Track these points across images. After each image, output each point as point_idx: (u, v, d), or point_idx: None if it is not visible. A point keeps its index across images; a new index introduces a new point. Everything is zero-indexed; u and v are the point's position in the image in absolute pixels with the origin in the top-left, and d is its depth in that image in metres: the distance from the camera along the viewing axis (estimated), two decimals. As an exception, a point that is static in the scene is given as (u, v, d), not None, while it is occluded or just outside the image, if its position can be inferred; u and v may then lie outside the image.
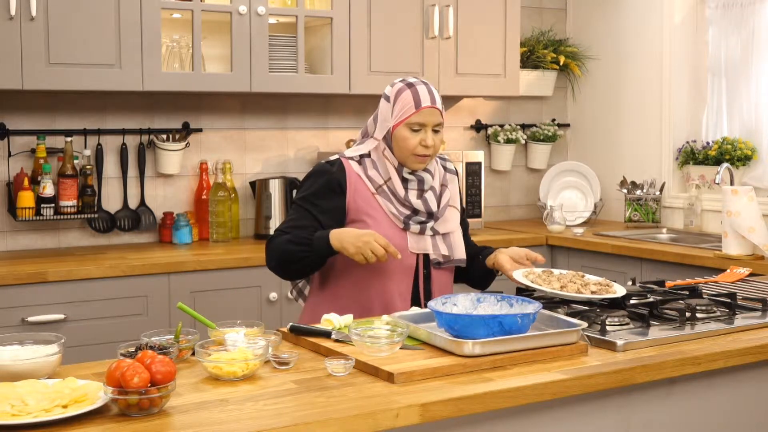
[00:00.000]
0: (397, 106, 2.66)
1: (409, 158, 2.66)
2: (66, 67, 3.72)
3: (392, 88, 2.70)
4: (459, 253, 2.77)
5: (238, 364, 1.98)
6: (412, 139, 2.63)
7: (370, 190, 2.68)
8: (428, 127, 2.64)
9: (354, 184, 2.68)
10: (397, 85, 2.70)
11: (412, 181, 2.70)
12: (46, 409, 1.70)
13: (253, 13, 4.05)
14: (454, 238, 2.76)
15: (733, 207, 3.62)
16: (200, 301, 3.72)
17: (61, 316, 3.52)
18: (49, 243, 4.11)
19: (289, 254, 2.60)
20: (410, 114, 2.63)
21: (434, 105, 2.65)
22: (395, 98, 2.67)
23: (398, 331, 2.17)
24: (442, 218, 2.74)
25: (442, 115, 2.68)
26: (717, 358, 2.22)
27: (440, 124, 2.68)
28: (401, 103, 2.65)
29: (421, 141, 2.63)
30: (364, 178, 2.68)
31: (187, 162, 4.38)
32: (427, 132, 2.64)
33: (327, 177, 2.68)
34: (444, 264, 2.75)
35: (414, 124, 2.63)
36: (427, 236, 2.71)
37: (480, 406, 1.89)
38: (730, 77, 4.72)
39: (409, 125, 2.63)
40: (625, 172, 5.08)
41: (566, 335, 2.19)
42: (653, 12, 4.94)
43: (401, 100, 2.65)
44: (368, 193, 2.68)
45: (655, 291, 2.77)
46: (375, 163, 2.69)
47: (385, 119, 2.69)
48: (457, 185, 2.86)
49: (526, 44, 5.17)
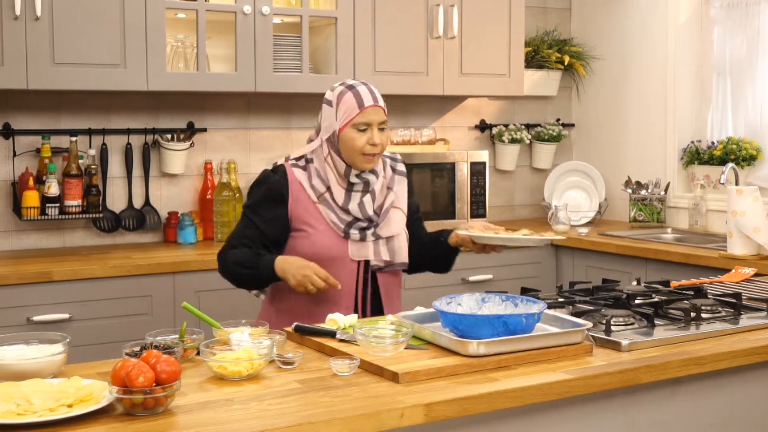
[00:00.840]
0: (341, 109, 2.69)
1: (357, 158, 2.68)
2: (71, 67, 3.72)
3: (333, 92, 2.73)
4: (401, 257, 2.78)
5: (242, 364, 1.98)
6: (359, 139, 2.66)
7: (312, 198, 2.71)
8: (374, 126, 2.68)
9: (295, 192, 2.71)
10: (338, 89, 2.73)
11: (358, 184, 2.72)
12: (51, 408, 1.70)
13: (258, 12, 4.05)
14: (396, 242, 2.77)
15: (738, 207, 3.61)
16: (205, 301, 3.72)
17: (66, 316, 3.53)
18: (54, 243, 4.12)
19: (238, 275, 2.71)
20: (355, 115, 2.66)
21: (377, 104, 2.69)
22: (338, 101, 2.70)
23: (403, 331, 2.17)
24: (384, 222, 2.76)
25: (385, 113, 2.72)
26: (722, 358, 2.22)
27: (385, 122, 2.72)
28: (345, 106, 2.68)
29: (369, 140, 2.67)
30: (306, 187, 2.71)
31: (192, 162, 4.38)
32: (374, 131, 2.68)
33: (268, 186, 2.73)
34: (385, 268, 2.77)
35: (360, 124, 2.66)
36: (369, 242, 2.73)
37: (485, 406, 1.89)
38: (735, 77, 4.71)
39: (355, 126, 2.67)
40: (630, 172, 5.08)
41: (571, 335, 2.18)
42: (658, 12, 4.94)
43: (344, 103, 2.69)
44: (310, 201, 2.71)
45: (659, 291, 2.77)
46: (318, 171, 2.72)
47: (329, 124, 2.71)
48: (405, 186, 2.87)
49: (530, 44, 5.17)
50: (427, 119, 4.98)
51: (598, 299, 2.66)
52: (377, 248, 2.74)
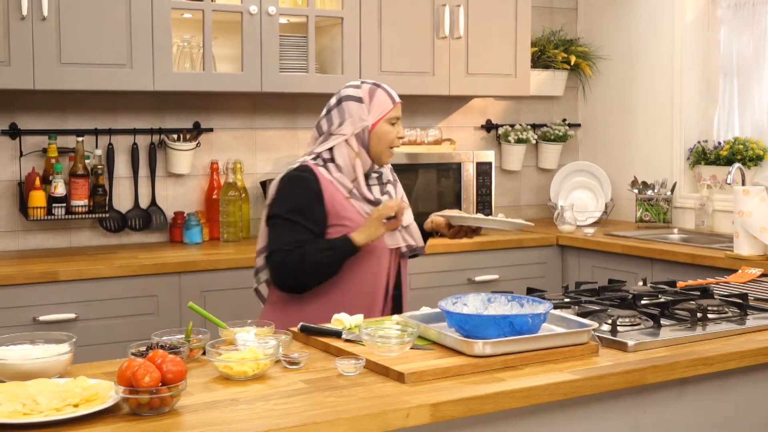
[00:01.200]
0: (375, 105, 2.81)
1: (385, 151, 2.83)
2: (77, 67, 3.73)
3: (360, 90, 2.84)
4: (419, 241, 2.93)
5: (248, 364, 1.98)
6: (392, 133, 2.83)
7: (344, 194, 2.78)
8: (399, 121, 2.87)
9: (328, 190, 2.76)
10: (365, 86, 2.85)
11: (374, 178, 2.87)
12: (57, 408, 1.70)
13: (264, 13, 4.05)
14: (413, 227, 2.92)
15: (744, 207, 3.60)
16: (211, 301, 3.72)
17: (72, 316, 3.53)
18: (61, 242, 4.13)
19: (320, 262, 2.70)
20: (389, 109, 2.82)
21: (401, 101, 2.88)
22: (369, 98, 2.82)
23: (408, 331, 2.17)
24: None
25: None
26: (730, 359, 2.21)
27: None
28: (378, 101, 2.82)
29: (397, 133, 2.85)
30: (336, 183, 2.77)
31: (198, 162, 4.38)
32: (399, 125, 2.86)
33: (306, 185, 2.75)
34: (407, 254, 2.93)
35: (392, 119, 2.83)
36: (397, 232, 2.85)
37: (491, 406, 1.88)
38: (741, 77, 4.70)
39: (389, 120, 2.83)
40: (636, 172, 5.07)
41: (577, 335, 2.18)
42: (664, 11, 4.93)
43: (377, 99, 2.82)
44: (342, 197, 2.78)
45: (666, 291, 2.76)
46: (339, 167, 2.78)
47: (359, 119, 2.80)
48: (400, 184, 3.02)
49: (536, 44, 5.16)
50: (433, 119, 4.98)
51: (604, 299, 2.65)
52: (402, 235, 2.87)
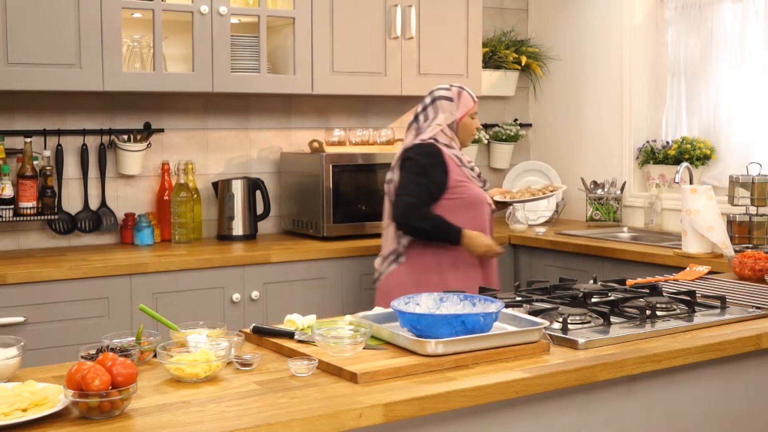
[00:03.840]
0: (462, 103, 3.69)
1: (469, 138, 3.75)
2: (25, 67, 3.68)
3: (450, 92, 3.70)
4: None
5: (200, 366, 1.97)
6: (474, 124, 3.73)
7: (457, 163, 3.63)
8: (477, 115, 3.76)
9: (449, 160, 3.60)
10: (454, 89, 3.72)
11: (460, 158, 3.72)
12: (5, 412, 1.68)
13: (215, 12, 4.03)
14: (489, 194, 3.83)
15: (692, 206, 3.66)
16: (162, 303, 3.70)
17: (21, 319, 3.48)
18: (9, 245, 4.07)
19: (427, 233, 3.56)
20: (472, 106, 3.70)
21: (478, 100, 3.78)
22: (458, 97, 3.69)
23: (361, 331, 2.18)
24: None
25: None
26: (677, 356, 2.24)
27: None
28: (464, 100, 3.69)
29: (476, 124, 3.74)
30: (453, 157, 3.62)
31: (149, 162, 4.35)
32: (477, 118, 3.76)
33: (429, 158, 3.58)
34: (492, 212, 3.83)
35: (473, 114, 3.72)
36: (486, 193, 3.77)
37: (443, 405, 1.89)
38: (689, 77, 4.77)
39: (471, 115, 3.71)
40: (587, 171, 5.13)
41: (528, 334, 2.20)
42: (613, 13, 4.99)
43: (463, 98, 3.70)
44: (457, 166, 3.62)
45: (616, 289, 2.80)
46: (449, 145, 3.65)
47: (451, 113, 3.67)
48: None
49: (488, 44, 5.20)
50: (386, 119, 4.99)
51: (555, 298, 2.68)
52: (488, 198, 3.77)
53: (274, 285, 3.97)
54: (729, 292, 2.90)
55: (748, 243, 3.86)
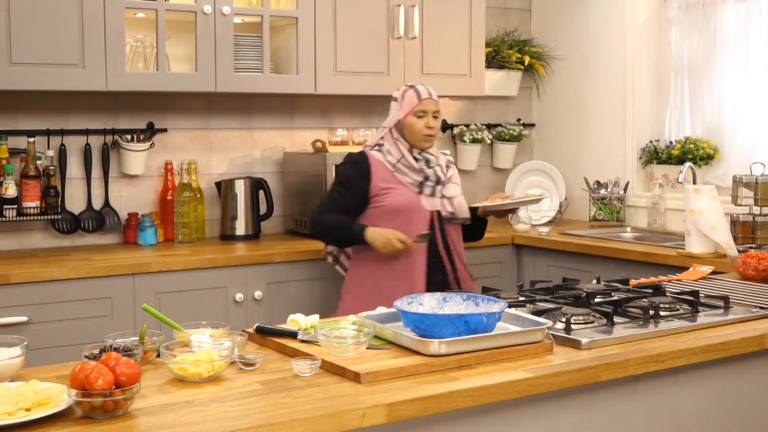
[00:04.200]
0: (405, 102, 3.52)
1: (418, 139, 3.51)
2: (29, 67, 3.68)
3: (398, 92, 3.58)
4: (462, 213, 3.58)
5: (203, 366, 1.97)
6: (419, 123, 3.50)
7: (388, 168, 3.49)
8: (429, 114, 3.51)
9: (375, 166, 3.49)
10: (402, 88, 3.58)
11: (421, 161, 3.53)
12: (8, 412, 1.68)
13: (218, 12, 4.03)
14: (457, 201, 3.57)
15: (695, 206, 3.65)
16: (165, 303, 3.70)
17: (24, 319, 3.49)
18: (12, 244, 4.07)
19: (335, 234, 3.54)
20: (414, 105, 3.50)
21: (431, 97, 3.54)
22: (402, 97, 3.54)
23: (364, 331, 2.18)
24: (447, 186, 3.56)
25: (438, 105, 3.55)
26: (680, 356, 2.24)
27: (438, 111, 3.55)
28: (407, 99, 3.52)
29: (426, 124, 3.50)
30: (383, 161, 3.51)
31: (152, 162, 4.35)
32: (429, 117, 3.51)
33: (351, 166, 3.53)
34: (452, 220, 3.55)
35: (418, 112, 3.50)
36: (437, 198, 3.53)
37: (446, 405, 1.89)
38: (692, 77, 4.77)
39: (416, 113, 3.50)
40: (590, 171, 5.12)
41: (531, 334, 2.20)
42: (617, 12, 4.98)
43: (406, 97, 3.52)
44: (387, 171, 3.49)
45: (619, 289, 2.80)
46: (389, 150, 3.52)
47: (395, 114, 3.54)
48: (455, 171, 3.68)
49: (491, 44, 5.19)
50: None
51: (558, 298, 2.68)
52: (443, 203, 3.54)
53: (277, 285, 3.97)
54: (732, 292, 2.90)
55: (752, 243, 3.85)
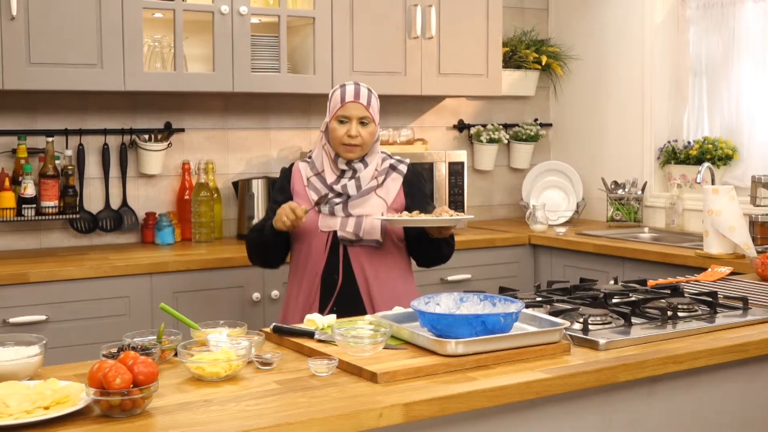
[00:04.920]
0: (330, 103, 3.04)
1: (339, 147, 2.99)
2: (47, 67, 3.70)
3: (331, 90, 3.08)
4: (370, 234, 2.99)
5: (220, 365, 1.97)
6: (340, 130, 2.97)
7: (303, 182, 3.06)
8: (353, 120, 2.97)
9: (295, 178, 3.09)
10: (334, 87, 3.08)
11: (348, 171, 3.01)
12: (27, 410, 1.69)
13: (236, 12, 4.04)
14: (366, 221, 2.99)
15: (714, 206, 3.64)
16: (183, 302, 3.71)
17: (43, 317, 3.50)
18: (31, 244, 4.09)
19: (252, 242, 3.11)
20: (337, 108, 2.99)
21: (357, 100, 2.99)
22: (330, 98, 3.05)
23: (381, 331, 2.17)
24: (358, 202, 3.00)
25: (367, 110, 2.99)
26: (699, 357, 2.23)
27: (366, 117, 2.98)
28: (333, 101, 3.03)
29: (347, 131, 2.96)
30: (303, 175, 3.07)
31: (170, 162, 4.36)
32: (352, 124, 2.97)
33: (281, 177, 3.15)
34: (355, 243, 3.00)
35: (341, 117, 2.98)
36: (338, 217, 2.99)
37: (463, 405, 1.89)
38: (710, 77, 4.74)
39: (338, 118, 2.98)
40: (607, 171, 5.10)
41: (549, 334, 2.19)
42: (634, 12, 4.96)
43: (333, 98, 3.03)
44: (301, 185, 3.07)
45: (637, 290, 2.78)
46: (313, 161, 3.08)
47: (325, 117, 3.06)
48: (398, 183, 3.08)
49: (508, 44, 5.18)
50: (406, 119, 4.98)
51: (575, 298, 2.67)
52: (344, 222, 2.99)
53: (294, 284, 3.98)
54: (751, 293, 2.88)
55: (771, 244, 3.83)
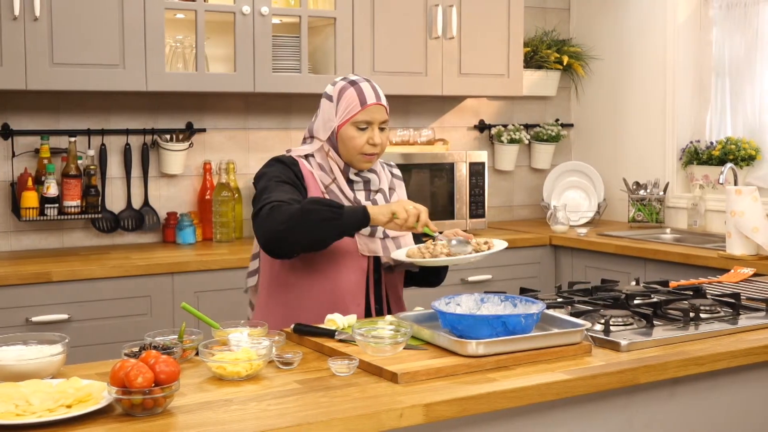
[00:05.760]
0: (342, 105, 2.58)
1: (356, 157, 2.58)
2: (70, 68, 3.72)
3: (334, 87, 2.61)
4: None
5: (241, 364, 1.98)
6: (359, 138, 2.56)
7: (320, 188, 2.59)
8: (375, 125, 2.58)
9: (308, 179, 2.59)
10: (339, 84, 2.61)
11: (358, 183, 2.63)
12: (50, 408, 1.70)
13: (257, 13, 4.05)
14: (404, 241, 2.65)
15: (737, 207, 3.61)
16: (204, 301, 3.72)
17: (65, 316, 3.53)
18: (53, 243, 4.12)
19: (313, 214, 2.38)
20: (356, 112, 2.56)
21: (379, 102, 2.59)
22: (339, 97, 2.59)
23: (402, 331, 2.17)
24: None
25: (387, 112, 2.62)
26: (721, 359, 2.22)
27: (386, 121, 2.61)
28: (346, 102, 2.57)
29: (369, 139, 2.57)
30: (316, 176, 2.60)
31: (191, 162, 4.38)
32: (374, 130, 2.57)
33: (286, 164, 2.60)
34: (395, 268, 2.66)
35: (360, 123, 2.56)
36: (377, 239, 2.61)
37: (484, 406, 1.89)
38: (733, 77, 4.72)
39: (356, 123, 2.56)
40: (629, 172, 5.08)
41: (570, 335, 2.18)
42: (657, 12, 4.94)
43: (345, 99, 2.58)
44: (319, 191, 2.59)
45: (658, 291, 2.77)
46: (321, 165, 2.61)
47: (329, 119, 2.60)
48: (404, 191, 2.78)
49: (529, 44, 5.17)
50: (426, 119, 4.98)
51: (596, 299, 2.66)
52: (386, 245, 2.61)
53: (315, 284, 3.98)
54: (774, 294, 2.86)
55: (794, 245, 3.80)
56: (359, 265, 2.60)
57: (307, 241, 2.43)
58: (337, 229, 2.41)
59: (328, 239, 2.44)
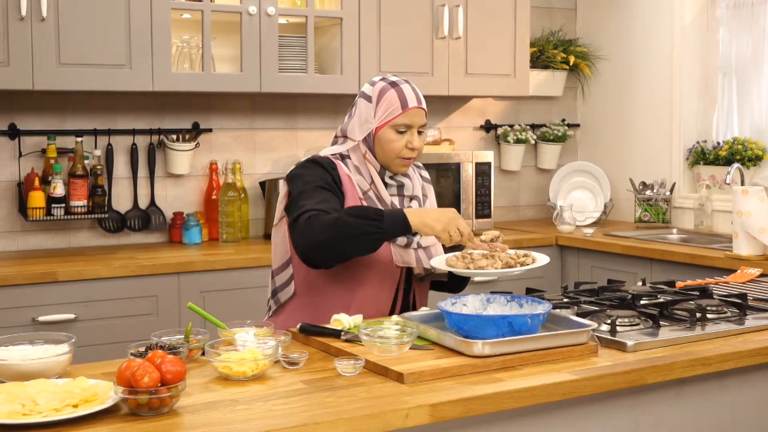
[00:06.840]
0: (381, 107, 2.54)
1: (394, 161, 2.54)
2: (76, 68, 3.73)
3: (374, 87, 2.57)
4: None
5: (247, 364, 1.98)
6: (398, 142, 2.52)
7: (358, 194, 2.54)
8: (414, 129, 2.53)
9: (345, 183, 2.54)
10: (380, 84, 2.57)
11: (392, 187, 2.59)
12: (56, 408, 1.70)
13: (263, 13, 4.06)
14: (434, 251, 2.60)
15: (743, 207, 3.61)
16: (210, 301, 3.72)
17: (72, 316, 3.53)
18: (60, 243, 4.13)
19: (353, 228, 2.33)
20: (396, 115, 2.52)
21: (420, 105, 2.55)
22: (378, 98, 2.55)
23: (408, 331, 2.17)
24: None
25: (426, 116, 2.59)
26: (728, 359, 2.21)
27: (425, 125, 2.57)
28: (386, 104, 2.53)
29: (408, 143, 2.52)
30: (354, 180, 2.55)
31: (197, 162, 4.38)
32: (413, 134, 2.53)
33: (323, 167, 2.54)
34: (426, 278, 2.63)
35: (400, 126, 2.52)
36: (412, 249, 2.56)
37: (490, 406, 1.88)
38: (740, 77, 4.71)
39: (395, 127, 2.52)
40: (635, 172, 5.07)
41: (576, 335, 2.18)
42: (663, 12, 4.93)
43: (386, 100, 2.53)
44: (356, 197, 2.53)
45: (665, 291, 2.77)
46: (357, 168, 2.56)
47: (366, 120, 2.56)
48: (433, 194, 2.75)
49: (535, 44, 5.17)
50: (433, 119, 4.98)
51: (603, 300, 2.65)
52: (419, 256, 2.56)
53: (321, 284, 3.98)
54: (781, 295, 2.85)
55: (801, 245, 3.79)
56: (391, 275, 2.57)
57: (347, 254, 2.42)
58: (378, 242, 2.38)
59: (368, 252, 2.42)
